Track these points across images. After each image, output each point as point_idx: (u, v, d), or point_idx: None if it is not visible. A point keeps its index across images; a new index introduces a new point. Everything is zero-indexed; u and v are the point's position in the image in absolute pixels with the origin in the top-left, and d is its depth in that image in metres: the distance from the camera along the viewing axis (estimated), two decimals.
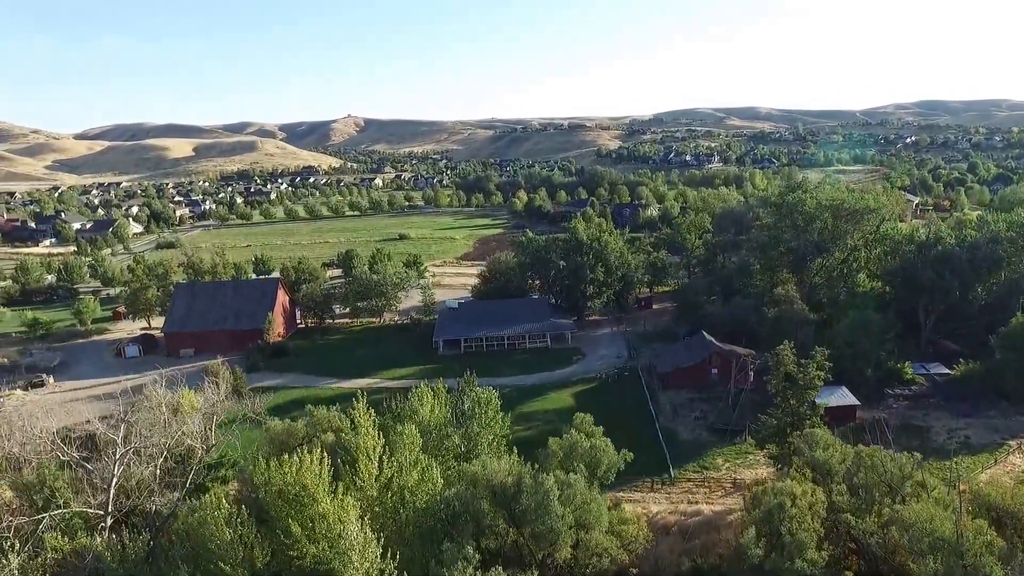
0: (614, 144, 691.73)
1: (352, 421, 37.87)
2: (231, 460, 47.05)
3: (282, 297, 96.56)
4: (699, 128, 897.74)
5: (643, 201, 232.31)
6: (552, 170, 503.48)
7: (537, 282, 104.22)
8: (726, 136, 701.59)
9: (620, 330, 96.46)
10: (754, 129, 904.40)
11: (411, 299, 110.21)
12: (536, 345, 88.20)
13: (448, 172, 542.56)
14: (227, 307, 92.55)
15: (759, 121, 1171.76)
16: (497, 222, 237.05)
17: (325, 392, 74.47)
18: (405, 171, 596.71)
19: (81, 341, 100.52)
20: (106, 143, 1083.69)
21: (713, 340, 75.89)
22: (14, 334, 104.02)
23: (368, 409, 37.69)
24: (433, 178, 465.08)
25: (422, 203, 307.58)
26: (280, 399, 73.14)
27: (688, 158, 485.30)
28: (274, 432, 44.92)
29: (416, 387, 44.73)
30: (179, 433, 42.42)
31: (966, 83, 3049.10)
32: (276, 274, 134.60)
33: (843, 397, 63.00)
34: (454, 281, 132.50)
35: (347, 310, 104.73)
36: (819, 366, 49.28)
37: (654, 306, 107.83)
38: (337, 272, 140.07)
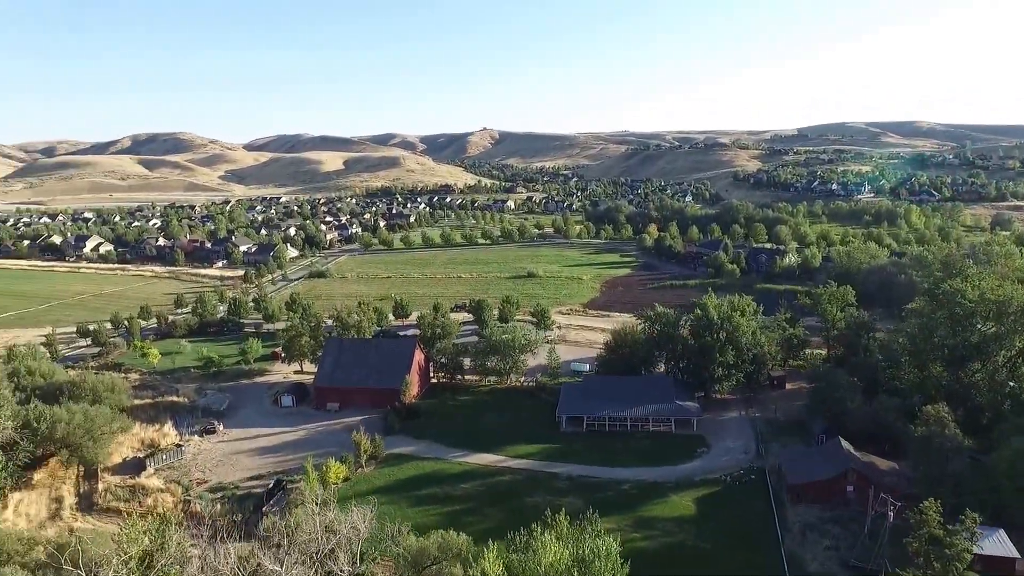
0: (752, 166, 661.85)
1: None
2: None
3: (418, 356, 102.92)
4: (848, 148, 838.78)
5: (782, 247, 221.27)
6: (685, 196, 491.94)
7: (663, 356, 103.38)
8: (880, 159, 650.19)
9: (749, 415, 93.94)
10: (913, 148, 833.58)
11: (537, 356, 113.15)
12: (659, 429, 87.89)
13: (579, 193, 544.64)
14: (369, 365, 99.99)
15: (919, 138, 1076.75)
16: (625, 259, 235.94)
17: (453, 467, 78.89)
18: (536, 190, 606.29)
19: (245, 382, 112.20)
20: (269, 154, 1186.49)
21: (851, 450, 72.32)
22: (192, 370, 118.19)
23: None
24: (564, 201, 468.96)
25: (552, 231, 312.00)
26: (413, 471, 78.43)
27: (834, 186, 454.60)
28: (408, 548, 48.78)
29: (540, 522, 46.67)
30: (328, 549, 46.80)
31: None
32: (414, 317, 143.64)
33: (1000, 544, 56.68)
34: (580, 337, 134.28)
35: (476, 364, 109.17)
36: (970, 533, 46.16)
37: (788, 385, 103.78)
38: (468, 316, 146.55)
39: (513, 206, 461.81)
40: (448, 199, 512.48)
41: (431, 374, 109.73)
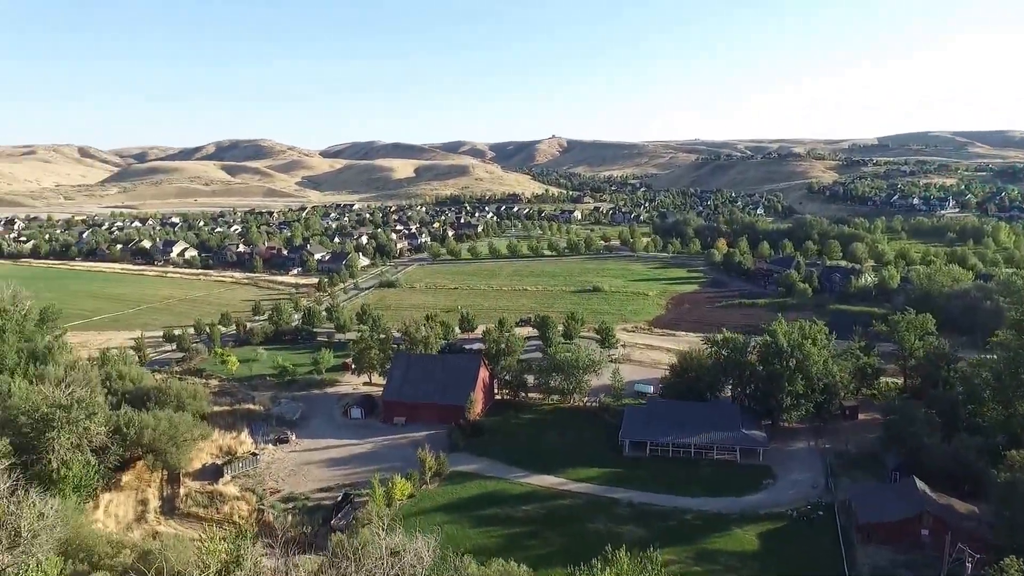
0: (828, 177, 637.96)
1: None
2: None
3: (483, 373, 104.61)
4: (932, 159, 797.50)
5: (858, 266, 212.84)
6: (756, 208, 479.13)
7: (729, 381, 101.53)
8: (966, 171, 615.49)
9: (818, 446, 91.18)
10: (1004, 160, 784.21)
11: (601, 375, 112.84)
12: (724, 457, 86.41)
13: (646, 204, 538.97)
14: (435, 381, 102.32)
15: (1011, 149, 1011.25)
16: (693, 275, 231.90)
17: (515, 488, 79.84)
18: (603, 200, 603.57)
19: (317, 392, 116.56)
20: (344, 161, 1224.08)
21: (927, 491, 69.33)
22: (268, 377, 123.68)
23: None
24: (631, 212, 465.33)
25: (618, 243, 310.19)
26: (476, 489, 79.83)
27: (915, 201, 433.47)
28: None
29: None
30: None
31: None
32: (480, 331, 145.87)
33: None
34: (644, 356, 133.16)
35: (540, 382, 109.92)
36: None
37: (860, 416, 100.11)
38: (532, 331, 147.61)
39: (580, 216, 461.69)
40: (515, 208, 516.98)
41: (495, 390, 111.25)
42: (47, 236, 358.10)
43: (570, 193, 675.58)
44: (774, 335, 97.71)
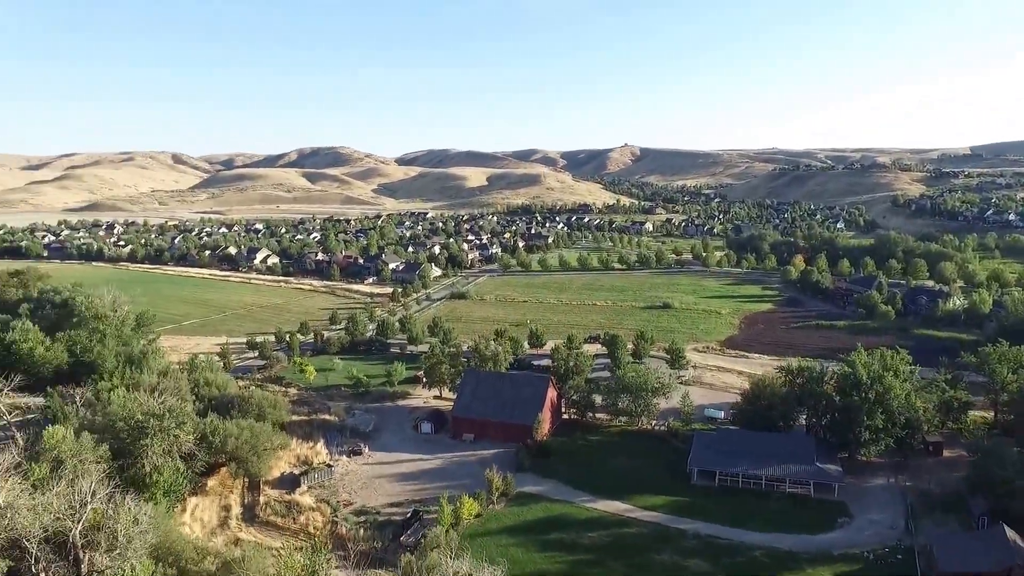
0: (915, 190, 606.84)
1: None
2: None
3: (551, 393, 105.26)
4: None
5: (945, 288, 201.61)
6: (836, 222, 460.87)
7: (804, 411, 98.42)
8: None
9: (898, 483, 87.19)
10: None
11: (670, 398, 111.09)
12: (796, 491, 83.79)
13: (720, 216, 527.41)
14: (504, 399, 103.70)
15: None
16: (768, 292, 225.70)
17: (581, 512, 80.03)
18: (676, 211, 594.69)
19: (389, 404, 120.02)
20: (418, 169, 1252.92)
21: (1018, 541, 65.49)
22: (343, 388, 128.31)
23: None
24: (704, 225, 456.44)
25: (690, 257, 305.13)
26: (541, 512, 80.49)
27: (1012, 217, 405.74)
28: None
29: None
30: None
31: None
32: (548, 347, 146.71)
33: None
34: (715, 379, 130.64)
35: (607, 403, 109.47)
36: None
37: (945, 452, 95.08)
38: (600, 349, 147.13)
39: (651, 228, 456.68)
40: (586, 219, 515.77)
41: (562, 410, 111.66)
42: (143, 241, 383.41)
43: (641, 204, 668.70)
44: (852, 365, 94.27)
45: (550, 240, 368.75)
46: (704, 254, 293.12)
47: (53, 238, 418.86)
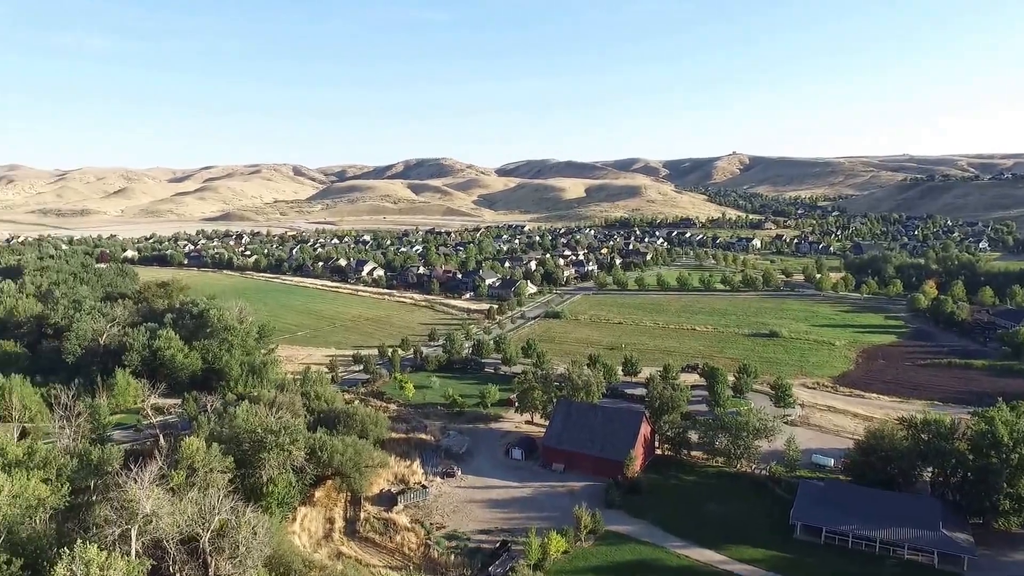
0: None
1: None
2: None
3: (644, 429, 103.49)
4: None
5: None
6: (979, 241, 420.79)
7: (929, 470, 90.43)
8: None
9: None
10: None
11: (773, 440, 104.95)
12: (917, 559, 76.94)
13: (838, 232, 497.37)
14: (595, 432, 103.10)
15: None
16: (891, 323, 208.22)
17: (671, 559, 78.19)
18: (787, 226, 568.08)
19: (482, 427, 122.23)
20: (517, 180, 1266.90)
21: None
22: (439, 407, 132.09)
23: None
24: (819, 242, 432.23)
25: (802, 279, 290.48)
26: (629, 554, 79.37)
27: None
28: None
29: None
30: None
31: None
32: (644, 374, 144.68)
33: None
34: (825, 421, 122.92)
35: (704, 441, 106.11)
36: None
37: None
38: (698, 379, 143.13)
39: (759, 245, 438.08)
40: (688, 234, 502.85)
41: (656, 446, 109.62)
42: (265, 251, 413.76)
43: (749, 217, 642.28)
44: (991, 422, 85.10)
45: (648, 257, 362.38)
46: (818, 276, 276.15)
47: (192, 247, 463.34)
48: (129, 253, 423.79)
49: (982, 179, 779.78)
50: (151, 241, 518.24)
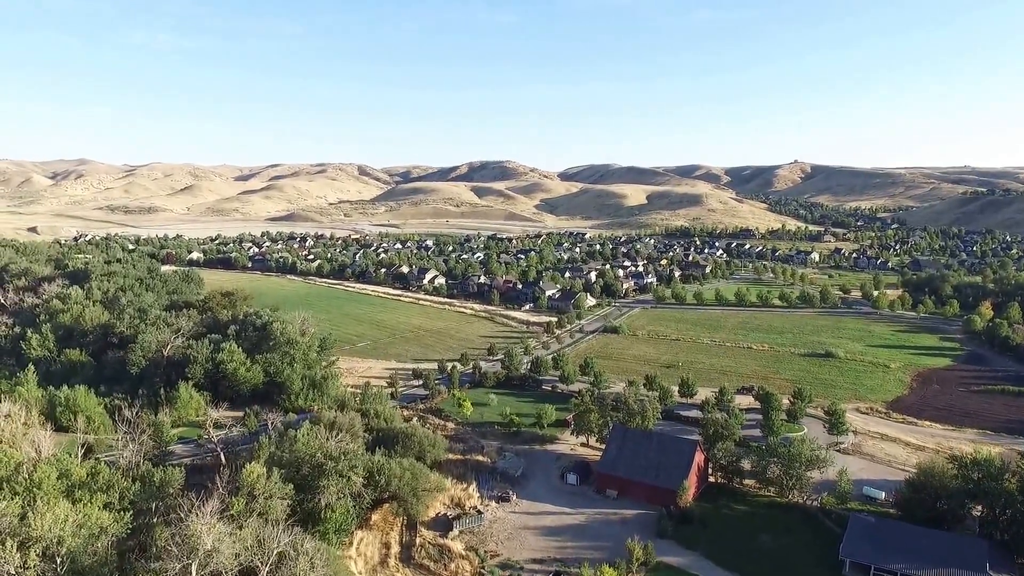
0: None
1: None
2: None
3: (698, 457, 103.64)
4: None
5: None
6: None
7: (979, 509, 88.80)
8: None
9: None
10: None
11: (825, 468, 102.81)
12: None
13: (897, 247, 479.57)
14: (649, 459, 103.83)
15: None
16: (946, 345, 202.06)
17: None
18: (847, 239, 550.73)
19: (537, 448, 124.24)
20: (579, 185, 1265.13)
21: None
22: (496, 426, 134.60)
23: None
24: (877, 257, 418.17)
25: (859, 296, 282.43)
26: None
27: None
28: None
29: None
30: None
31: None
32: (700, 397, 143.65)
33: None
34: (877, 449, 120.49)
35: (756, 469, 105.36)
36: None
37: None
38: (752, 402, 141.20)
39: (817, 258, 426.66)
40: (747, 245, 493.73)
41: (709, 472, 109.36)
42: (328, 256, 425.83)
43: (808, 228, 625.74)
44: None
45: (707, 270, 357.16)
46: (875, 293, 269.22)
47: (256, 250, 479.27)
48: (194, 255, 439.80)
49: None
50: (216, 243, 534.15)
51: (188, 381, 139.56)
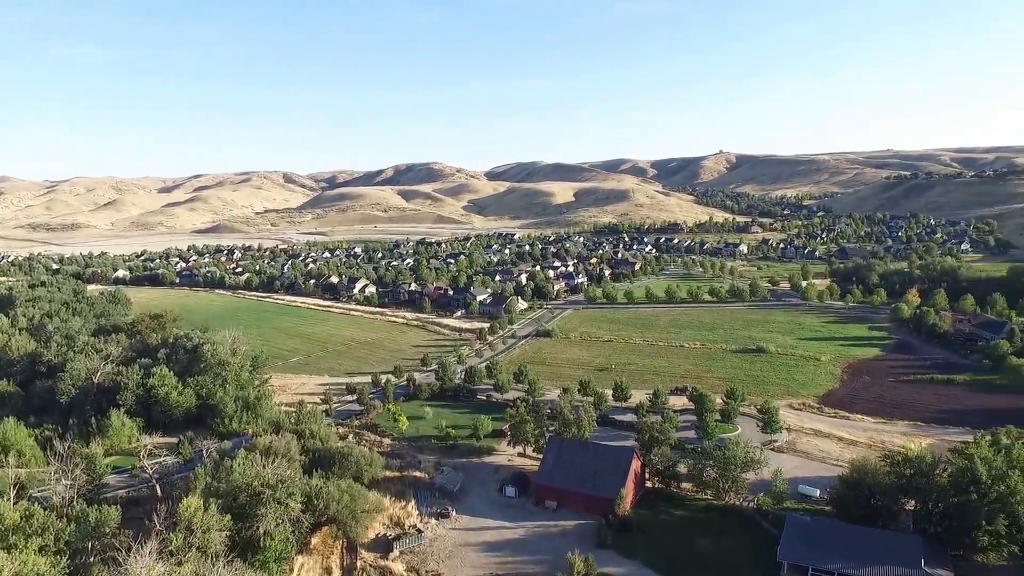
0: None
1: None
2: None
3: (635, 465, 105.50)
4: None
5: None
6: (960, 242, 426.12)
7: (912, 504, 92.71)
8: None
9: None
10: None
11: (761, 469, 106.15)
12: None
13: (823, 235, 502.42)
14: (586, 469, 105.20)
15: None
16: (875, 335, 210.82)
17: None
18: (774, 229, 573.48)
19: (475, 461, 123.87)
20: (507, 184, 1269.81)
21: None
22: (432, 440, 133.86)
23: None
24: (804, 247, 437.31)
25: (788, 287, 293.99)
26: None
27: None
28: None
29: None
30: None
31: None
32: (635, 399, 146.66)
33: None
34: (811, 446, 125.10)
35: (693, 472, 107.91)
36: None
37: None
38: (686, 403, 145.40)
39: (745, 250, 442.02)
40: (675, 240, 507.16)
41: (646, 478, 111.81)
42: (256, 268, 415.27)
43: (736, 219, 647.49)
44: (971, 459, 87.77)
45: (637, 267, 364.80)
46: (803, 284, 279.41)
47: (183, 264, 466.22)
48: (120, 273, 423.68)
49: (965, 176, 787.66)
50: (142, 259, 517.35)
51: (120, 408, 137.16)
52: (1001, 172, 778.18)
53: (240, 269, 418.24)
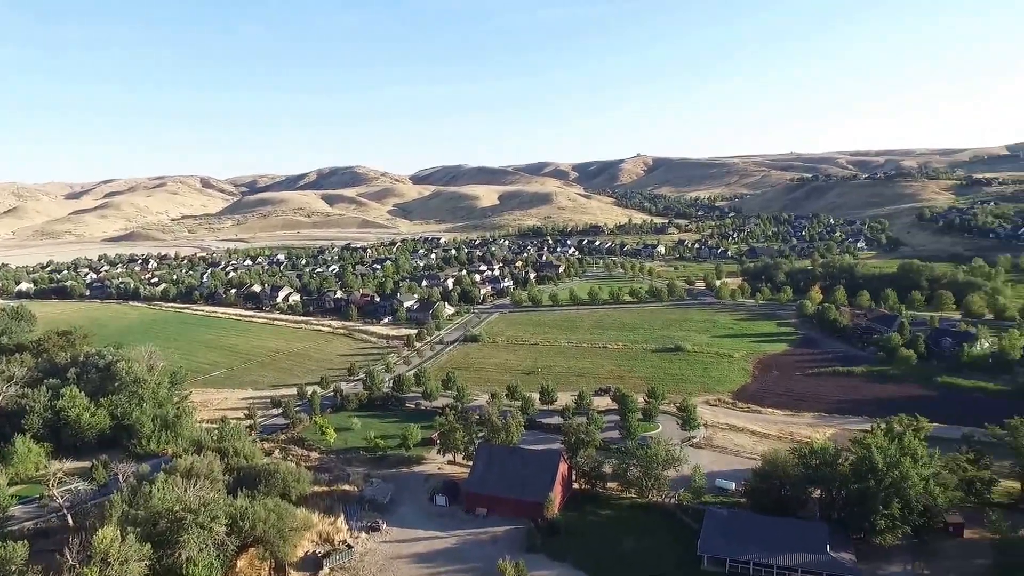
0: (943, 200, 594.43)
1: None
2: None
3: (562, 468, 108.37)
4: None
5: (972, 329, 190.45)
6: (857, 240, 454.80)
7: (818, 492, 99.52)
8: None
9: (915, 570, 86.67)
10: None
11: (680, 466, 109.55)
12: None
13: (734, 235, 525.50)
14: (515, 475, 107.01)
15: None
16: (783, 330, 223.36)
17: None
18: (689, 230, 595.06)
19: (405, 471, 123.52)
20: (432, 187, 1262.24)
21: None
22: (361, 451, 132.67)
23: None
24: (717, 247, 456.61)
25: (703, 286, 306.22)
26: None
27: None
28: None
29: None
30: None
31: None
32: (561, 402, 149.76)
33: None
34: (726, 441, 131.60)
35: (617, 472, 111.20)
36: None
37: (966, 533, 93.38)
38: (610, 403, 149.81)
39: (663, 251, 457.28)
40: (597, 242, 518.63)
41: (573, 480, 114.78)
42: (174, 277, 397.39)
43: (654, 221, 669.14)
44: (868, 449, 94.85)
45: (561, 269, 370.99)
46: (717, 283, 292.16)
47: (94, 276, 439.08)
48: (24, 286, 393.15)
49: (859, 178, 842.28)
50: (48, 270, 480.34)
51: (25, 433, 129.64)
52: (890, 174, 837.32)
53: (156, 279, 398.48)
